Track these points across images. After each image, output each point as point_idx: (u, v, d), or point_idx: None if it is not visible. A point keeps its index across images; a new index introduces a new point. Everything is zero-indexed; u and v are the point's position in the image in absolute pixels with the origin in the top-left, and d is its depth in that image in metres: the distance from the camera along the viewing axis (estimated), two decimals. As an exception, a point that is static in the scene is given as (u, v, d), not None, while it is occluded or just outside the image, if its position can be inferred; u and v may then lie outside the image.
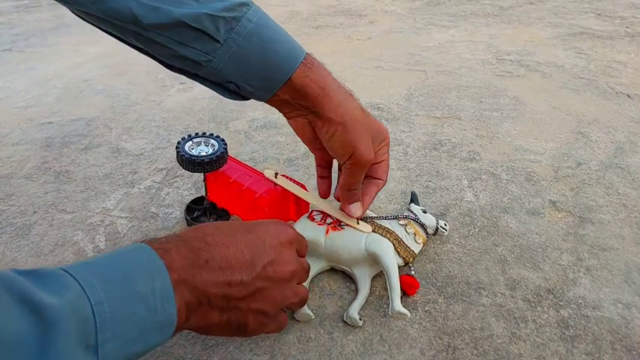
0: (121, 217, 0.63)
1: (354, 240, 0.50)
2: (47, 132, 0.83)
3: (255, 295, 0.38)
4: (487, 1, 1.53)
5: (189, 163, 0.52)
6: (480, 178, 0.68)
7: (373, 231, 0.51)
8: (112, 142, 0.80)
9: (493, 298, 0.50)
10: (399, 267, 0.50)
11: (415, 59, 1.09)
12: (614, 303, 0.49)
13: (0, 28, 1.41)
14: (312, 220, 0.53)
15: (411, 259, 0.51)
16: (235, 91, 0.46)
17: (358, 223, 0.51)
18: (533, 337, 0.46)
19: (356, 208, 0.51)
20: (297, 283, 0.42)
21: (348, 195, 0.50)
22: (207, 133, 0.56)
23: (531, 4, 1.47)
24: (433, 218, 0.55)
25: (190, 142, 0.54)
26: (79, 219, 0.63)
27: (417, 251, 0.52)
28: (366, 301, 0.49)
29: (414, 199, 0.58)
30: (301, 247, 0.44)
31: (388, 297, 0.50)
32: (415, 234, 0.52)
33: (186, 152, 0.52)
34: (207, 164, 0.52)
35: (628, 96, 0.88)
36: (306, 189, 0.55)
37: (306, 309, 0.47)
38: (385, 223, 0.52)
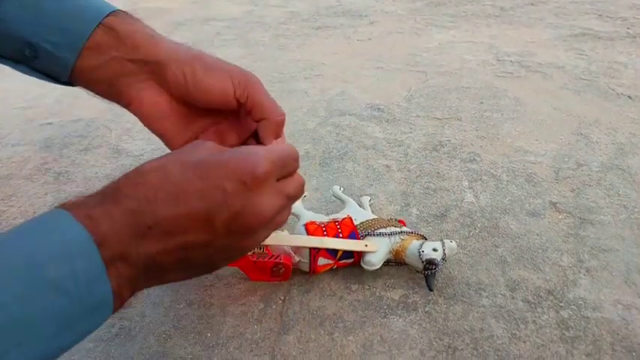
0: (121, 218, 0.63)
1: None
2: (47, 133, 0.83)
3: (220, 252, 0.33)
4: (488, 1, 1.53)
5: None
6: (481, 179, 0.68)
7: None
8: (112, 142, 0.80)
9: (493, 299, 0.50)
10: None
11: (415, 60, 1.09)
12: (614, 304, 0.49)
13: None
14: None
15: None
16: (34, 57, 0.41)
17: (366, 246, 0.50)
18: (533, 338, 0.46)
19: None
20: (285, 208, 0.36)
21: (268, 127, 0.42)
22: None
23: (532, 4, 1.47)
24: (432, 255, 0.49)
25: None
26: (79, 219, 0.63)
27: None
28: (366, 301, 0.49)
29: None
30: (286, 169, 0.35)
31: (388, 297, 0.50)
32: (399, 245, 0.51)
33: None
34: None
35: (629, 97, 0.88)
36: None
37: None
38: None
